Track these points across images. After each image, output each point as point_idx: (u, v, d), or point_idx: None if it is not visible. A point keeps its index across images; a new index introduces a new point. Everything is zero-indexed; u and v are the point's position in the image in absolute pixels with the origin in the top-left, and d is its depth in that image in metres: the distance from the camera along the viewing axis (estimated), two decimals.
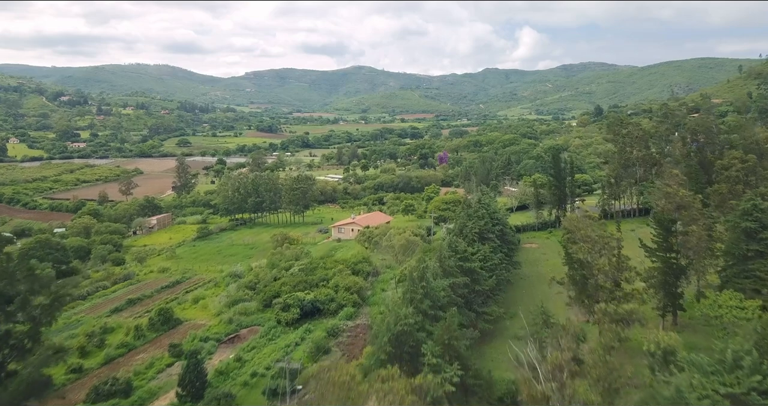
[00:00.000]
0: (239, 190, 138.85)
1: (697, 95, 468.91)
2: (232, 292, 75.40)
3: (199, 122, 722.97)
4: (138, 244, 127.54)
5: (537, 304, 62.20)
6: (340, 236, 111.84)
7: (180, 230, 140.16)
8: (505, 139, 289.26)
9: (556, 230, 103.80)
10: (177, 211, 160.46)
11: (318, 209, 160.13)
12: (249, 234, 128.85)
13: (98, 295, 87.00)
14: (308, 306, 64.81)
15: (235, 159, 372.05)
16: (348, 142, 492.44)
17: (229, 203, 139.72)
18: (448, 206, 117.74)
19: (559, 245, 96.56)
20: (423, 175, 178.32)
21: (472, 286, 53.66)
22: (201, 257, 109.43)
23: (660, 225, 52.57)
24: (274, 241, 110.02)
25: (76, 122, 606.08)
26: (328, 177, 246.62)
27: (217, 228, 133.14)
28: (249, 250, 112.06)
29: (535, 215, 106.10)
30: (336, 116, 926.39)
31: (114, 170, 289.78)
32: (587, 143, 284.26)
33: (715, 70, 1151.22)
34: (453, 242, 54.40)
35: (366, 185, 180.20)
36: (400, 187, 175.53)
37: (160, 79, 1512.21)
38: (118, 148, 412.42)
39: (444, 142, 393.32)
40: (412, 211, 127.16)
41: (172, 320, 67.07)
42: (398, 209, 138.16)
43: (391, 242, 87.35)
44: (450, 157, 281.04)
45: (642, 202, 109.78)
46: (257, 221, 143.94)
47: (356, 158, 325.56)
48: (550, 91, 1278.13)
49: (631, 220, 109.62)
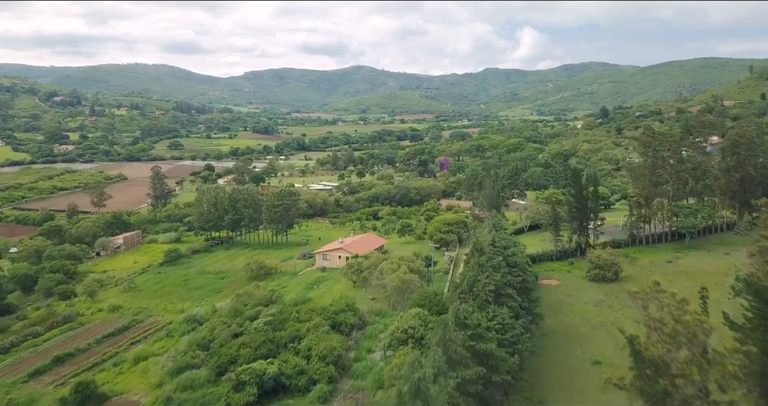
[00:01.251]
0: (215, 205, 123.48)
1: (708, 96, 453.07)
2: (181, 350, 60.05)
3: (195, 123, 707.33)
4: (98, 269, 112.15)
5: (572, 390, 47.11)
6: (325, 264, 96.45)
7: (149, 251, 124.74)
8: (510, 144, 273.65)
9: (577, 259, 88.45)
10: (150, 226, 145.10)
11: (306, 224, 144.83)
12: (224, 258, 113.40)
13: (26, 345, 71.60)
14: (269, 383, 49.41)
15: (226, 163, 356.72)
16: (346, 145, 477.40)
17: (204, 220, 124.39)
18: (451, 227, 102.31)
19: (585, 281, 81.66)
20: (422, 186, 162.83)
21: (488, 376, 38.37)
22: (163, 290, 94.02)
23: (757, 296, 37.10)
24: (248, 270, 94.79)
25: (67, 123, 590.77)
26: (322, 185, 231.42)
27: (189, 250, 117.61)
28: (219, 280, 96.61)
29: (553, 240, 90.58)
30: (335, 117, 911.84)
31: (96, 176, 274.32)
32: (596, 148, 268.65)
33: (719, 70, 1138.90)
34: (461, 312, 39.00)
35: (360, 196, 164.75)
36: (397, 199, 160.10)
37: (158, 79, 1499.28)
38: (106, 152, 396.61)
39: (444, 145, 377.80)
40: (409, 231, 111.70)
41: (94, 397, 51.68)
42: (394, 228, 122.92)
43: (382, 280, 72.03)
44: (451, 163, 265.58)
45: (677, 224, 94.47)
46: (236, 239, 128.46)
47: (353, 163, 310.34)
48: (551, 91, 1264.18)
49: (662, 246, 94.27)
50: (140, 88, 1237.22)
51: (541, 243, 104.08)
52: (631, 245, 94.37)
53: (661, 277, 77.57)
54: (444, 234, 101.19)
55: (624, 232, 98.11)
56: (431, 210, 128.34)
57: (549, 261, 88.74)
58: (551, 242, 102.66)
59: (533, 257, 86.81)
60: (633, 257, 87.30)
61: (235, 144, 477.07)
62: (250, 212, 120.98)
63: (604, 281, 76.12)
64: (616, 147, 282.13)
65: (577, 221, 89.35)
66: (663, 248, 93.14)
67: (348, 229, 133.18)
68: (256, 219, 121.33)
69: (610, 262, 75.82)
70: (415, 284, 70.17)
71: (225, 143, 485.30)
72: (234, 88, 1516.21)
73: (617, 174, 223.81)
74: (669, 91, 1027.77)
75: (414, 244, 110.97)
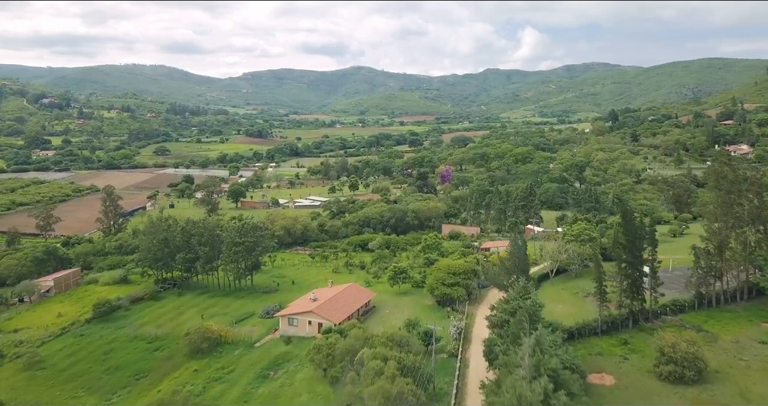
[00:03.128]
0: (166, 241, 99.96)
1: (723, 98, 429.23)
2: None
3: (188, 126, 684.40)
4: (9, 326, 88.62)
5: None
6: (291, 332, 72.94)
7: (84, 297, 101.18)
8: (518, 154, 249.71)
9: (632, 333, 64.84)
10: (98, 260, 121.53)
11: (282, 256, 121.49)
12: (170, 311, 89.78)
13: None
14: None
15: (211, 171, 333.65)
16: (341, 150, 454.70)
17: (151, 258, 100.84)
18: (457, 278, 78.85)
19: (652, 378, 57.68)
20: (421, 209, 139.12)
21: None
22: (74, 369, 70.62)
23: None
24: (188, 343, 71.20)
25: (53, 127, 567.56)
26: (309, 200, 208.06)
27: (129, 299, 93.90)
28: (150, 354, 73.00)
29: (597, 305, 66.82)
30: (333, 119, 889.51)
31: (65, 188, 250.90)
32: (613, 157, 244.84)
33: (724, 70, 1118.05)
34: None
35: (349, 220, 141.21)
36: (392, 223, 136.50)
37: (155, 80, 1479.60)
38: (86, 158, 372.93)
39: (445, 151, 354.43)
40: (404, 278, 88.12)
41: None
42: (386, 268, 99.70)
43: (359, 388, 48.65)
44: (453, 174, 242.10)
45: (758, 280, 71.08)
46: (193, 280, 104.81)
47: (346, 172, 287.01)
48: (553, 92, 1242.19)
49: (740, 308, 70.79)
50: (137, 89, 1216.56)
51: (574, 299, 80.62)
52: (698, 307, 70.90)
53: (764, 374, 54.27)
54: (449, 288, 77.68)
55: (684, 286, 74.58)
56: (431, 246, 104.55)
57: (592, 336, 65.08)
58: (587, 299, 79.33)
59: (570, 331, 63.43)
60: (707, 332, 63.81)
61: (225, 149, 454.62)
62: (207, 251, 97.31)
63: (682, 382, 52.59)
64: (634, 156, 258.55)
65: (629, 279, 65.72)
66: (741, 312, 69.57)
67: (331, 265, 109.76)
68: (214, 259, 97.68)
69: (691, 355, 52.25)
70: (408, 397, 46.74)
71: (215, 148, 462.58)
72: (232, 89, 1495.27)
73: (639, 188, 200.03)
74: (674, 92, 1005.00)
75: (409, 295, 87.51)
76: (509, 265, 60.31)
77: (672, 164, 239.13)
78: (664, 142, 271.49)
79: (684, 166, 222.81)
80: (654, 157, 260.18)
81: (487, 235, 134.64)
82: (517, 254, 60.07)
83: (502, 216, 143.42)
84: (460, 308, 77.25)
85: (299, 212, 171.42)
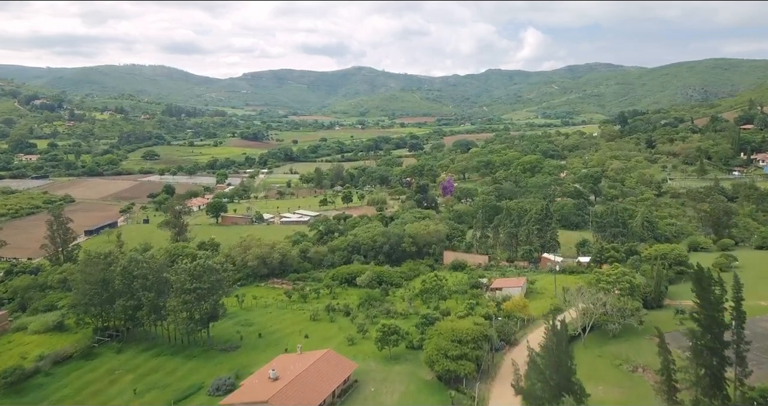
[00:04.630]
0: (104, 283, 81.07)
1: (739, 100, 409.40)
2: None
3: (182, 128, 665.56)
4: None
5: None
6: None
7: (4, 352, 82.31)
8: (525, 162, 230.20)
9: None
10: (35, 295, 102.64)
11: (255, 291, 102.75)
12: (99, 379, 70.83)
13: None
14: None
15: (199, 178, 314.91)
16: (338, 154, 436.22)
17: (86, 304, 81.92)
18: (465, 348, 59.81)
19: None
20: (419, 233, 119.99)
21: None
22: None
23: None
24: None
25: (41, 129, 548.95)
26: (297, 215, 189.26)
27: (51, 359, 74.83)
28: None
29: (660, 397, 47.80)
30: (332, 120, 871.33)
31: (37, 198, 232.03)
32: (629, 166, 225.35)
33: (731, 71, 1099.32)
34: None
35: (336, 245, 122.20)
36: (386, 250, 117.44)
37: (154, 81, 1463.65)
38: (69, 164, 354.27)
39: (447, 157, 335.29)
40: (395, 341, 68.92)
41: None
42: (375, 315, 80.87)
43: None
44: (456, 184, 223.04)
45: None
46: (139, 330, 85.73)
47: (340, 181, 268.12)
48: (556, 93, 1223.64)
49: None
50: (135, 89, 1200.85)
51: (619, 375, 61.37)
52: None
53: None
54: (453, 363, 58.65)
55: None
56: (431, 290, 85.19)
57: None
58: (636, 375, 60.35)
59: None
60: None
61: (218, 153, 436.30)
62: (152, 297, 78.25)
63: None
64: (651, 165, 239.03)
65: (709, 372, 46.64)
66: None
67: (309, 307, 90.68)
68: (161, 307, 78.61)
69: None
70: None
71: (207, 152, 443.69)
72: (232, 90, 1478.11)
73: (662, 202, 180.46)
74: (679, 93, 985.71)
75: (402, 361, 68.41)
76: (549, 377, 40.97)
77: (694, 174, 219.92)
78: (684, 149, 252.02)
79: (709, 177, 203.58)
80: (673, 166, 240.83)
81: (497, 264, 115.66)
82: (558, 357, 40.73)
83: (513, 241, 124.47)
84: (468, 389, 58.29)
85: (283, 230, 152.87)
